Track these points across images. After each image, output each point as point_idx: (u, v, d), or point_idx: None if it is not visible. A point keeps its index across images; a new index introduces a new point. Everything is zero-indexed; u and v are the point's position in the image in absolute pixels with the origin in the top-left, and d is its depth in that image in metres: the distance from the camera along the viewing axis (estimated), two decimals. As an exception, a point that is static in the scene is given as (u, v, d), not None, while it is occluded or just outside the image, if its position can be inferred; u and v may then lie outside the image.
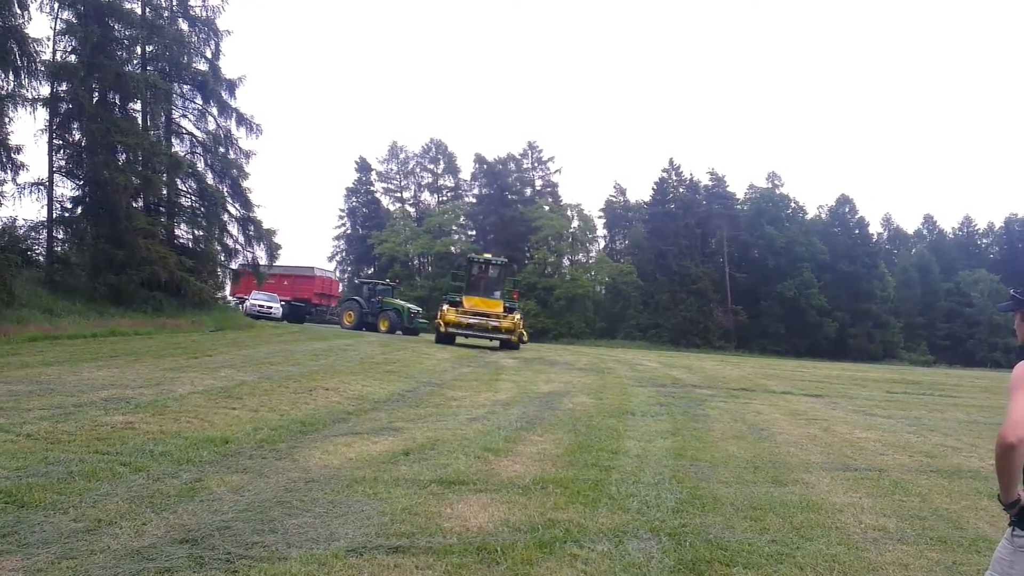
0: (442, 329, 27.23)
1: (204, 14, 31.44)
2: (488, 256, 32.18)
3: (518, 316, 27.84)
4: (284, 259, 42.43)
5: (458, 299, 28.21)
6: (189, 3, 31.18)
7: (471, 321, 26.95)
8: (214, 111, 32.27)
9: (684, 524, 5.58)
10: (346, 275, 73.94)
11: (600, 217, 74.36)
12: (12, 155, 21.98)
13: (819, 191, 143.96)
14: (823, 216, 70.73)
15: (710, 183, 68.59)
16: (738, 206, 68.79)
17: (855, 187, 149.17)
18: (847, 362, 48.16)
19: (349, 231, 78.79)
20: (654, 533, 5.33)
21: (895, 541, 5.55)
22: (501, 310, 27.86)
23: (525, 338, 28.40)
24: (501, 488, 6.39)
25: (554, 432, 9.48)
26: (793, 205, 69.08)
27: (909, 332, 65.84)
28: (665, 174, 67.76)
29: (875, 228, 74.90)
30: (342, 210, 79.58)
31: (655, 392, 15.39)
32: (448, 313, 27.19)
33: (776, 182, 70.16)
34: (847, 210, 68.59)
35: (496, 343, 27.62)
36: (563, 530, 5.24)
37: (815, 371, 28.57)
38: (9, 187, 23.69)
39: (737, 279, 64.12)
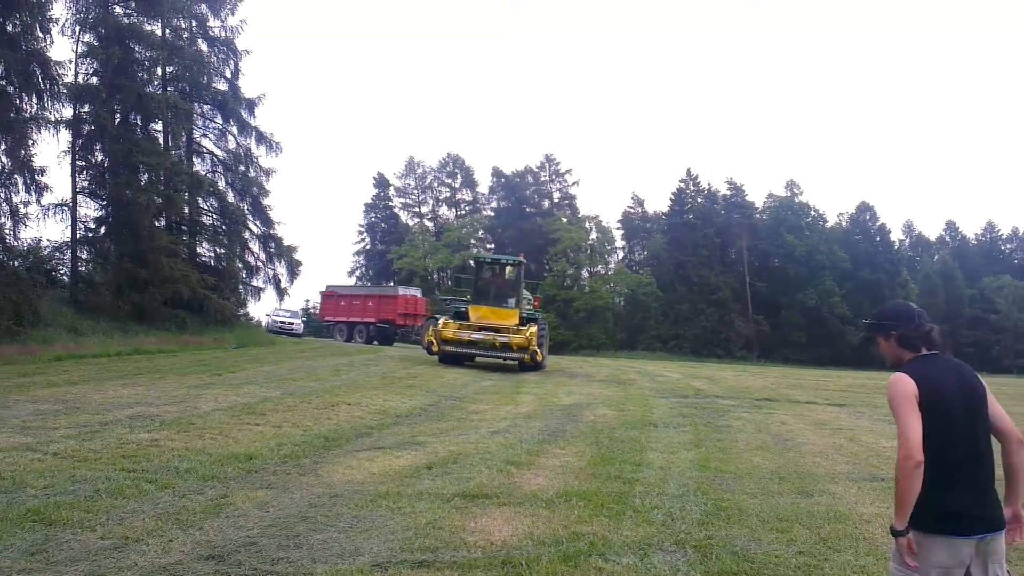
0: (435, 348, 22.06)
1: (223, 35, 31.87)
2: (498, 256, 27.40)
3: (532, 329, 22.00)
4: (311, 276, 42.20)
5: (463, 309, 23.22)
6: (208, 24, 31.60)
7: (474, 337, 21.91)
8: (234, 130, 32.65)
9: (710, 536, 5.55)
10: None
11: (618, 228, 74.43)
12: (36, 177, 22.31)
13: (839, 199, 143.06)
14: (843, 224, 70.25)
15: (728, 192, 68.39)
16: (757, 215, 68.50)
17: (875, 194, 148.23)
18: (871, 371, 47.58)
19: (369, 246, 79.13)
20: (680, 545, 5.30)
21: (924, 552, 5.47)
22: (515, 322, 22.44)
23: (539, 356, 22.05)
24: (524, 501, 6.37)
25: (576, 445, 9.45)
26: (813, 213, 68.63)
27: (933, 340, 65.04)
28: (683, 184, 67.70)
29: (897, 235, 74.24)
30: (361, 226, 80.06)
31: (677, 403, 15.30)
32: (446, 328, 22.11)
33: (795, 190, 69.86)
34: (868, 217, 68.11)
35: (514, 363, 22.32)
36: (588, 543, 5.22)
37: (839, 380, 28.25)
38: (33, 208, 24.02)
39: (757, 288, 63.76)
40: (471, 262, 26.21)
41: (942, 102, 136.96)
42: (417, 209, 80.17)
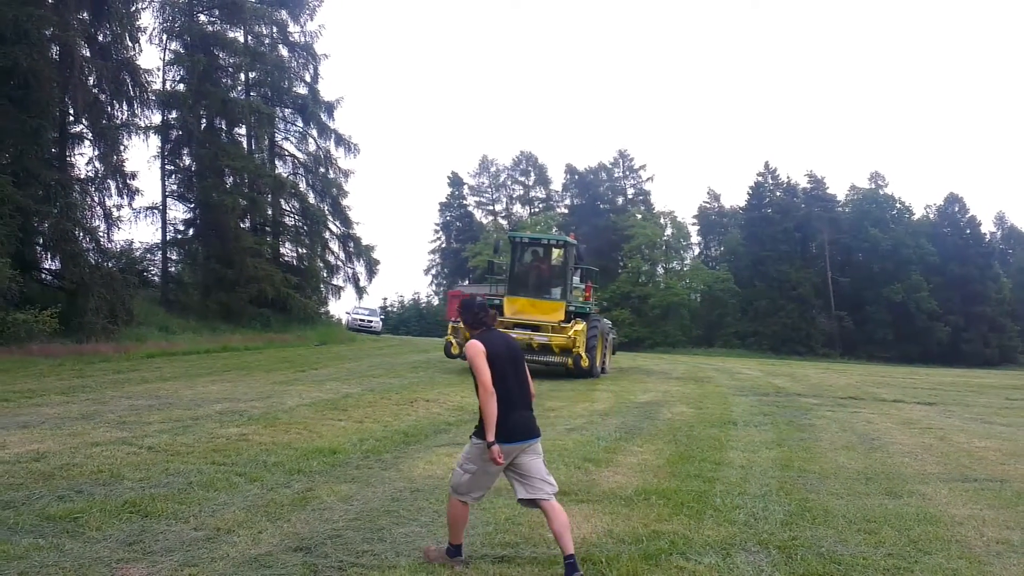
0: (454, 350, 17.86)
1: (303, 40, 32.68)
2: (540, 235, 22.88)
3: (580, 326, 17.71)
4: (388, 275, 42.52)
5: (497, 301, 18.30)
6: (288, 30, 32.41)
7: None
8: (314, 133, 33.49)
9: (794, 537, 5.44)
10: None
11: (694, 224, 73.21)
12: (128, 181, 23.18)
13: (926, 190, 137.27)
14: (931, 216, 67.46)
15: (808, 186, 66.51)
16: (839, 208, 66.45)
17: (965, 185, 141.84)
18: (961, 368, 45.82)
19: (444, 245, 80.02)
20: (763, 546, 5.21)
21: (1020, 555, 5.26)
22: (560, 317, 18.10)
23: (585, 362, 17.56)
24: (603, 499, 6.36)
25: (654, 442, 9.38)
26: (898, 206, 66.32)
27: (1028, 335, 62.22)
28: (760, 178, 66.16)
29: (987, 227, 70.61)
30: (437, 224, 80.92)
31: (757, 401, 15.02)
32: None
33: (879, 182, 67.56)
34: (956, 209, 65.26)
35: (560, 368, 18.17)
36: (668, 542, 5.18)
37: (927, 378, 27.31)
38: (126, 211, 25.06)
39: (840, 284, 61.93)
40: (509, 243, 20.77)
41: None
42: (491, 207, 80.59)
